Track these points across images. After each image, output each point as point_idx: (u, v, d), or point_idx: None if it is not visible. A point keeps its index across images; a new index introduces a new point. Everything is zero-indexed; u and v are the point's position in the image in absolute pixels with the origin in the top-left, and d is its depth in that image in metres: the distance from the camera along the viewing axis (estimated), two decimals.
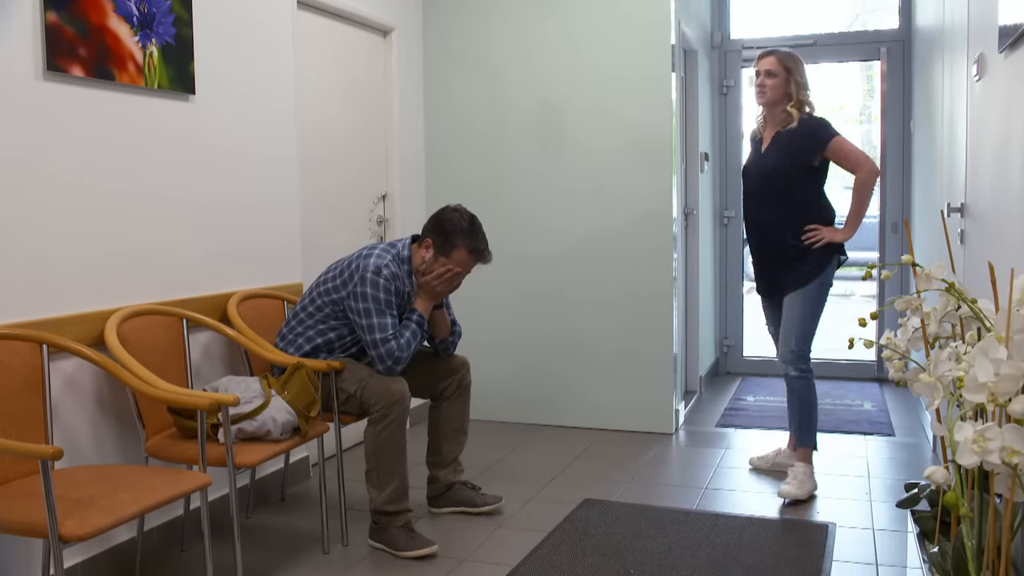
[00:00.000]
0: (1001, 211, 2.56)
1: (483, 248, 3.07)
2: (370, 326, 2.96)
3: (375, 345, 2.96)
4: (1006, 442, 1.38)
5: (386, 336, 2.96)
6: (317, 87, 3.94)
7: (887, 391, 5.39)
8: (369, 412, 2.95)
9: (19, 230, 2.47)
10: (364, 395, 2.95)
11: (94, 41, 2.67)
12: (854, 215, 3.51)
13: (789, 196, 3.53)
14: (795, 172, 3.51)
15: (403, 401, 2.94)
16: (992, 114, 2.71)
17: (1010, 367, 1.39)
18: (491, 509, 3.29)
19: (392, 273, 2.99)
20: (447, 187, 4.78)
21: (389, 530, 2.96)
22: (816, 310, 3.53)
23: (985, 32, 2.78)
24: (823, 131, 3.49)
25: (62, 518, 1.97)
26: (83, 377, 2.68)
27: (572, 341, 4.59)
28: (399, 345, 2.98)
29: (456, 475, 3.34)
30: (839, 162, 3.51)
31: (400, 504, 2.98)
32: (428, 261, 3.04)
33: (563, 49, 4.52)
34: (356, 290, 2.97)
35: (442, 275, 3.03)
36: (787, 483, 3.48)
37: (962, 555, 1.62)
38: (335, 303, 3.05)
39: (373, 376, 2.97)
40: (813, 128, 3.50)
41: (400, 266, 3.04)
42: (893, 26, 5.66)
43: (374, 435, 2.93)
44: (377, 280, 2.96)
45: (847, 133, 3.60)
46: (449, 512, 3.30)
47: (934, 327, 1.87)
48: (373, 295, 2.96)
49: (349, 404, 3.02)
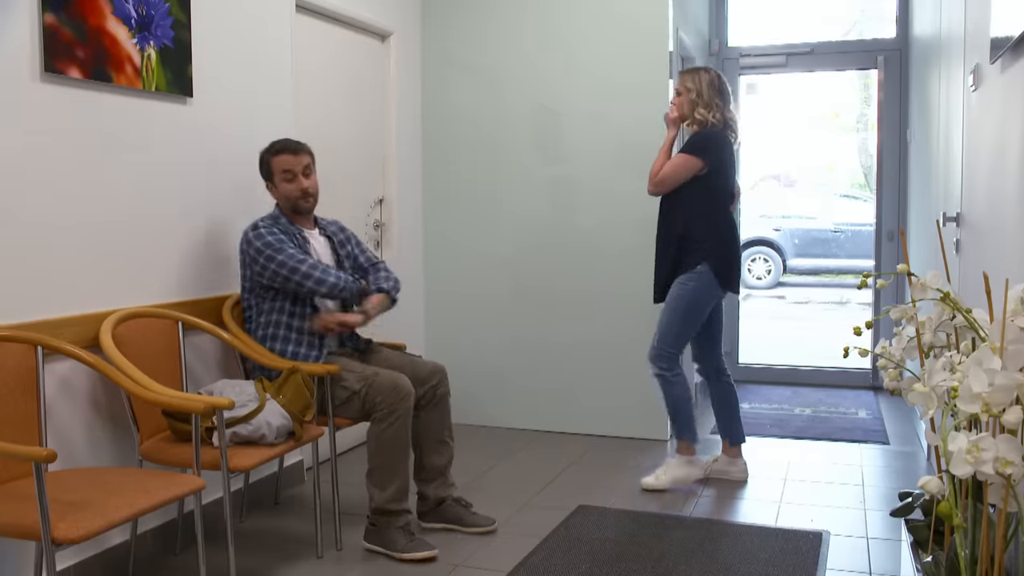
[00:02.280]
0: (996, 221, 2.57)
1: (281, 142, 3.18)
2: (281, 263, 2.99)
3: (299, 274, 2.99)
4: (1000, 452, 1.38)
5: (299, 259, 3.01)
6: (315, 91, 3.94)
7: (882, 399, 5.39)
8: (374, 411, 2.93)
9: (15, 231, 2.47)
10: (370, 393, 2.93)
11: (92, 43, 2.67)
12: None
13: (670, 206, 3.70)
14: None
15: (408, 399, 2.94)
16: (988, 124, 2.72)
17: (1004, 378, 1.39)
18: (481, 531, 3.17)
19: (268, 222, 3.10)
20: (444, 191, 4.78)
21: (388, 531, 2.95)
22: (675, 316, 3.64)
23: (980, 43, 2.80)
24: (686, 143, 3.69)
25: (55, 521, 1.97)
26: (77, 379, 2.67)
27: (567, 346, 4.59)
28: (325, 268, 3.04)
29: (445, 490, 3.22)
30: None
31: (401, 503, 2.97)
32: (276, 191, 3.17)
33: (561, 55, 4.52)
34: (250, 252, 3.05)
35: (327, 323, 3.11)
36: (654, 472, 3.71)
37: (955, 565, 1.62)
38: (253, 285, 3.09)
39: (379, 374, 2.97)
40: (688, 140, 3.71)
41: (275, 220, 3.14)
42: (890, 35, 5.68)
43: (378, 433, 2.92)
44: (258, 232, 3.05)
45: (843, 141, 3.65)
46: (440, 528, 3.21)
47: (929, 336, 1.87)
48: (262, 242, 3.02)
49: (351, 404, 2.99)
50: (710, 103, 3.64)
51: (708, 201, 3.63)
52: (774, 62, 5.88)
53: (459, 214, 4.77)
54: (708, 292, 3.63)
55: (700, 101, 3.65)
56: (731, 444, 3.83)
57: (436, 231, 4.82)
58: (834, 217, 11.73)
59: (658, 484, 3.65)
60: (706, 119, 3.64)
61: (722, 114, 3.66)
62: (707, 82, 3.66)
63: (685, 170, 3.60)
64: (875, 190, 5.83)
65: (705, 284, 3.61)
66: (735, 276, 3.72)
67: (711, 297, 3.67)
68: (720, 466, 3.83)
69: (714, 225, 3.64)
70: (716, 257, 3.60)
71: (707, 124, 3.64)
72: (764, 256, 11.43)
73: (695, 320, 3.68)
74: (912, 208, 5.18)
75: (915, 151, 5.03)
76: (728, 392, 3.86)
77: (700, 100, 3.65)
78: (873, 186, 6.64)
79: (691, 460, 3.72)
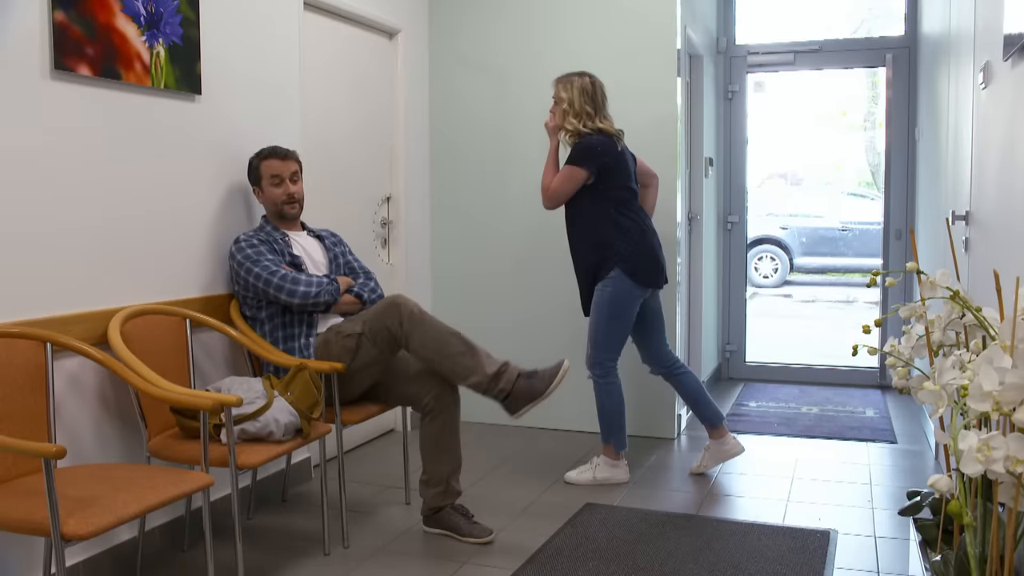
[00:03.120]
0: (1006, 219, 2.56)
1: (270, 148, 3.25)
2: (257, 276, 3.04)
3: (272, 286, 3.03)
4: (1010, 451, 1.37)
5: (272, 271, 3.04)
6: (323, 88, 3.94)
7: (889, 398, 5.38)
8: (393, 332, 3.00)
9: (24, 228, 2.48)
10: (374, 326, 3.00)
11: (101, 40, 2.67)
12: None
13: (571, 217, 3.72)
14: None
15: (405, 304, 3.00)
16: (998, 122, 2.71)
17: (1015, 376, 1.39)
18: (476, 542, 3.06)
19: (249, 234, 3.16)
20: (451, 189, 4.78)
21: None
22: (599, 323, 3.66)
23: (991, 40, 2.78)
24: (569, 156, 3.64)
25: (64, 517, 1.97)
26: (86, 376, 2.68)
27: (575, 344, 4.59)
28: (294, 279, 3.05)
29: (446, 499, 3.12)
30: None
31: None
32: (262, 196, 3.24)
33: (569, 53, 4.52)
34: (233, 265, 3.11)
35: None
36: (578, 468, 3.79)
37: (965, 564, 1.61)
38: (244, 296, 3.12)
39: (366, 310, 3.09)
40: (570, 151, 3.66)
41: (259, 230, 3.21)
42: (899, 33, 5.65)
43: (417, 349, 3.01)
44: (239, 245, 3.10)
45: (851, 139, 3.63)
46: (437, 533, 3.15)
47: (938, 335, 1.87)
48: (243, 255, 3.07)
49: (364, 349, 3.04)
50: (580, 112, 3.63)
51: (606, 207, 3.63)
52: (782, 60, 5.87)
53: (467, 212, 4.77)
54: (628, 295, 3.63)
55: (571, 111, 3.64)
56: (713, 426, 3.83)
57: (443, 228, 4.82)
58: (841, 216, 11.70)
59: (580, 480, 3.73)
60: (577, 129, 3.62)
61: (594, 123, 3.63)
62: (579, 90, 3.65)
63: (571, 182, 3.60)
64: (883, 188, 5.81)
65: (622, 288, 3.61)
66: (654, 272, 3.69)
67: (632, 299, 3.65)
68: (713, 451, 3.83)
69: (618, 227, 3.62)
70: (626, 259, 3.60)
71: (580, 134, 3.62)
72: (771, 255, 11.41)
73: (621, 325, 3.68)
74: (920, 206, 5.17)
75: (923, 149, 5.02)
76: (689, 380, 3.86)
77: (571, 109, 3.64)
78: (880, 184, 6.62)
79: (615, 464, 3.75)
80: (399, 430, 4.55)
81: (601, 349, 3.70)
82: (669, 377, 3.89)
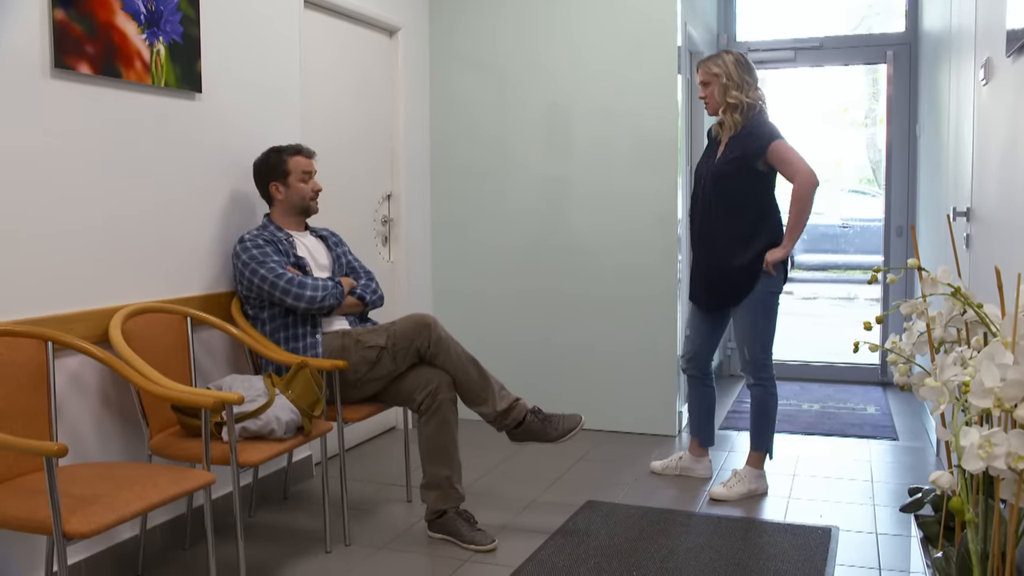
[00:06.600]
0: (1008, 215, 2.55)
1: (296, 145, 3.26)
2: (263, 278, 3.03)
3: (279, 289, 3.03)
4: (1012, 448, 1.38)
5: (278, 274, 3.03)
6: (323, 86, 3.94)
7: (891, 395, 5.38)
8: (421, 351, 3.05)
9: (25, 227, 2.48)
10: (398, 342, 3.03)
11: (101, 38, 2.67)
12: (791, 227, 3.40)
13: (737, 205, 3.44)
14: (741, 177, 3.42)
15: (435, 327, 3.05)
16: (999, 118, 2.71)
17: (1016, 372, 1.39)
18: (479, 549, 2.98)
19: (254, 234, 3.14)
20: (452, 187, 4.78)
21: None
22: (767, 320, 3.47)
23: (992, 36, 2.78)
24: (765, 134, 3.38)
25: (66, 515, 1.97)
26: (87, 374, 2.68)
27: (576, 342, 4.59)
28: (301, 282, 3.05)
29: (447, 502, 3.05)
30: (779, 168, 3.41)
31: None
32: (288, 192, 3.21)
33: (569, 50, 4.52)
34: (238, 265, 3.09)
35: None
36: (724, 483, 3.53)
37: (966, 560, 1.61)
38: (247, 296, 3.12)
39: (395, 323, 3.10)
40: (754, 131, 3.40)
41: (263, 229, 3.18)
42: (899, 29, 5.65)
43: (439, 361, 3.07)
44: (244, 245, 3.09)
45: (851, 136, 3.59)
46: (439, 538, 3.09)
47: (939, 331, 1.86)
48: (249, 255, 3.06)
49: (382, 363, 3.05)
50: (740, 83, 3.41)
51: (773, 197, 3.46)
52: (782, 56, 5.86)
53: (467, 210, 4.77)
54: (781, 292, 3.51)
55: (731, 83, 3.41)
56: (700, 445, 3.76)
57: (444, 226, 4.82)
58: (842, 213, 11.69)
59: (731, 495, 3.47)
60: (740, 100, 3.41)
61: (756, 92, 3.44)
62: (732, 62, 3.43)
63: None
64: (883, 185, 5.81)
65: (779, 284, 3.47)
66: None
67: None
68: (686, 461, 3.77)
69: (777, 219, 3.47)
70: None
71: (742, 106, 3.41)
72: None
73: (776, 324, 3.52)
74: (921, 203, 5.16)
75: (924, 146, 5.01)
76: (709, 394, 3.74)
77: (731, 83, 3.41)
78: (881, 181, 6.61)
79: (761, 474, 3.56)
80: (400, 428, 4.55)
81: (768, 352, 3.48)
82: (695, 380, 3.73)
